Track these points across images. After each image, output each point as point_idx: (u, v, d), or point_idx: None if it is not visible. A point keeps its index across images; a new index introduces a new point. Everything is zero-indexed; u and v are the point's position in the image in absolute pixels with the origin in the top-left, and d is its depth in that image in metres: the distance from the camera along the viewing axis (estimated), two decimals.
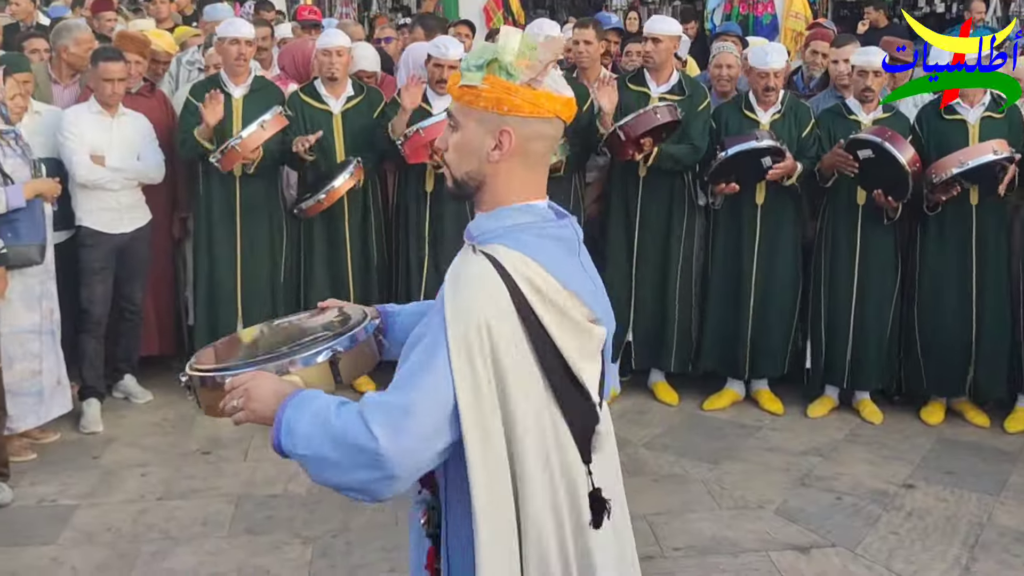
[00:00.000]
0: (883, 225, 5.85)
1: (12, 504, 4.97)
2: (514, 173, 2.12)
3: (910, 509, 4.97)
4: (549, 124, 2.11)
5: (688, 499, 5.05)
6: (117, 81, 5.79)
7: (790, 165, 5.73)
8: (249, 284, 6.05)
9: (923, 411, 6.05)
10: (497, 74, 2.06)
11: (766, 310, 6.05)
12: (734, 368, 6.17)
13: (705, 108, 6.00)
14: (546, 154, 2.16)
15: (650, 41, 5.98)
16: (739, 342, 6.08)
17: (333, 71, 5.97)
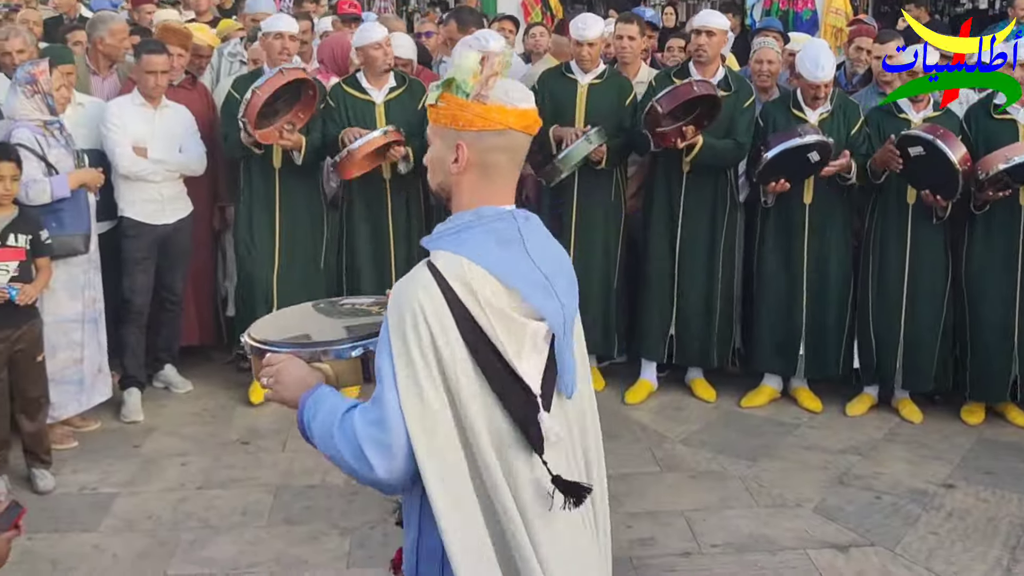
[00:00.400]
0: (933, 224, 5.79)
1: (54, 491, 5.03)
2: (474, 184, 2.22)
3: (950, 509, 4.93)
4: (501, 136, 2.19)
5: (726, 496, 5.04)
6: (160, 73, 5.83)
7: (845, 163, 5.69)
8: (286, 277, 6.06)
9: (963, 411, 5.99)
10: (453, 92, 2.18)
11: (819, 310, 5.99)
12: (790, 368, 6.12)
13: (751, 105, 5.97)
14: (507, 164, 2.23)
15: (704, 34, 5.93)
16: (793, 342, 6.03)
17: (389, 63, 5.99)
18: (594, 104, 6.02)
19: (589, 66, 6.09)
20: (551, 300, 2.21)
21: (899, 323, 5.89)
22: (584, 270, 6.10)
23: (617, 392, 6.24)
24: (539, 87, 6.11)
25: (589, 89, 6.08)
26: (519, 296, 2.15)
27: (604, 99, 6.06)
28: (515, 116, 2.20)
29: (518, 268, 2.17)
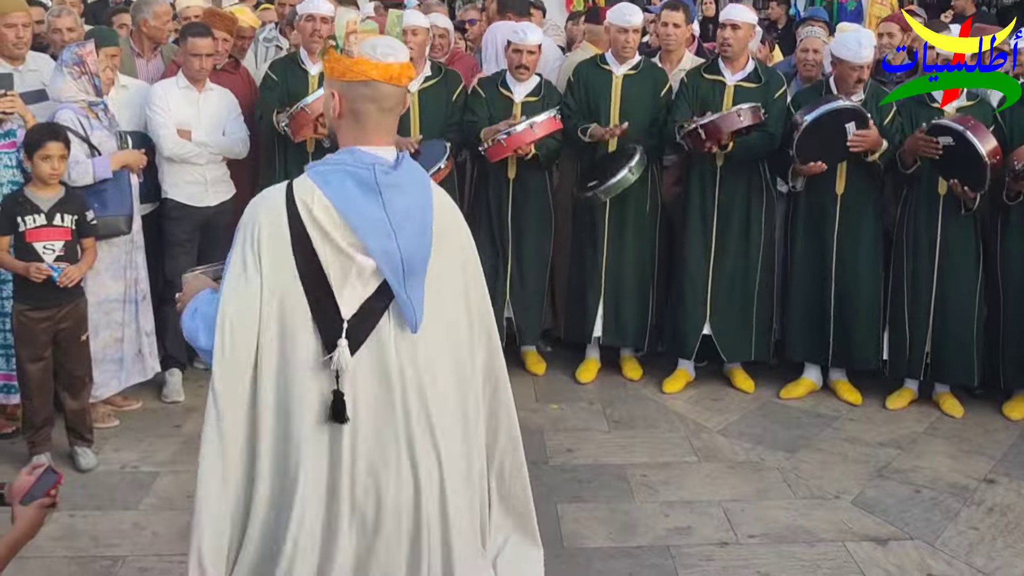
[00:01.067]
0: (964, 216, 5.73)
1: (96, 469, 5.09)
2: (348, 128, 2.61)
3: (991, 504, 4.88)
4: (367, 86, 2.55)
5: (764, 487, 5.02)
6: (205, 57, 5.86)
7: (874, 136, 5.60)
8: None
9: (1005, 406, 5.92)
10: (335, 49, 2.60)
11: (850, 301, 5.94)
12: (821, 358, 6.09)
13: (781, 96, 5.92)
14: (375, 112, 2.57)
15: (728, 28, 5.91)
16: (823, 333, 5.99)
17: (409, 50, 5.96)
18: (628, 95, 6.01)
19: (629, 54, 6.06)
20: (388, 242, 2.52)
21: (928, 316, 5.83)
22: (619, 264, 6.14)
23: (656, 381, 6.23)
24: (574, 78, 6.11)
25: (624, 80, 6.05)
26: (354, 233, 2.50)
27: (639, 90, 6.04)
28: (378, 69, 2.54)
29: (363, 209, 2.51)
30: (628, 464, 5.21)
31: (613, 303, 6.19)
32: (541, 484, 4.97)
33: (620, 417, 5.80)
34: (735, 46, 5.91)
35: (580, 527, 4.59)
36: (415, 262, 2.58)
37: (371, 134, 2.60)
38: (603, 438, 5.53)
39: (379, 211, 2.52)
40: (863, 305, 5.95)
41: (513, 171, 6.10)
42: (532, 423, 5.69)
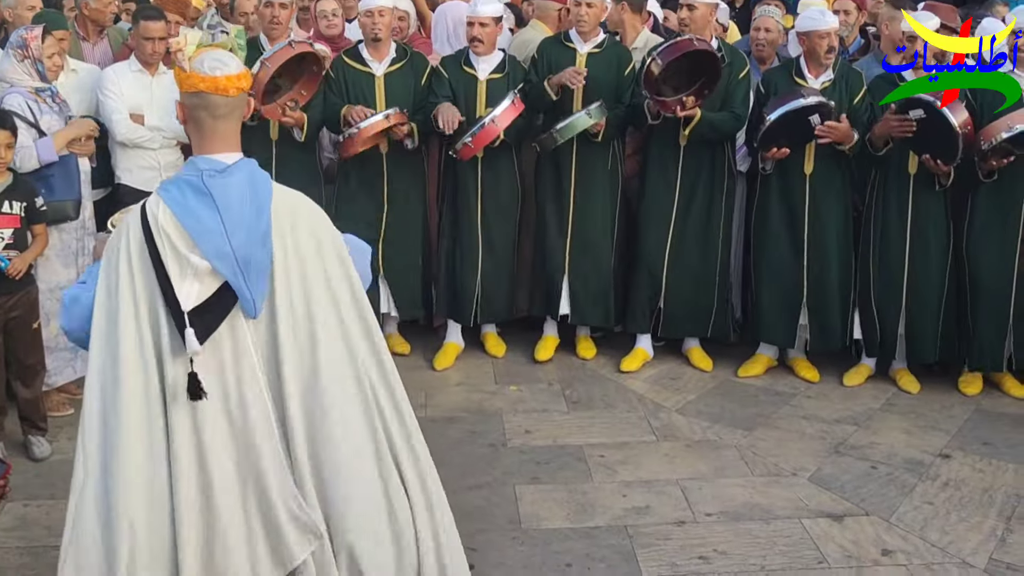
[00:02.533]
0: (935, 194, 5.75)
1: (50, 458, 5.04)
2: (192, 135, 2.94)
3: (946, 479, 4.93)
4: (197, 97, 2.85)
5: (721, 465, 5.04)
6: (158, 40, 5.80)
7: (843, 129, 5.63)
8: None
9: (960, 381, 5.98)
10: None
11: (819, 282, 5.96)
12: (790, 340, 6.10)
13: (746, 76, 5.93)
14: (208, 119, 2.86)
15: (685, 8, 5.90)
16: (794, 315, 6.00)
17: (376, 31, 5.93)
18: (593, 73, 5.96)
19: (585, 28, 6.02)
20: (222, 244, 2.80)
21: (901, 294, 5.86)
22: (582, 243, 6.13)
23: (615, 362, 6.23)
24: (538, 55, 6.08)
25: (588, 58, 6.03)
26: (190, 236, 2.79)
27: (603, 68, 6.00)
28: (205, 81, 2.84)
29: (198, 214, 2.81)
30: (586, 444, 5.21)
31: (580, 281, 6.19)
32: (500, 466, 5.00)
33: (579, 398, 5.80)
34: (693, 26, 5.90)
35: (538, 508, 4.60)
36: (253, 259, 2.83)
37: (208, 141, 2.90)
38: (562, 419, 5.54)
39: (213, 215, 2.81)
40: (834, 286, 5.97)
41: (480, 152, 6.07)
42: (491, 405, 5.69)
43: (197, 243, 2.80)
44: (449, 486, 4.70)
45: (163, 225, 2.80)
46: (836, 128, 5.62)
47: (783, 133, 5.63)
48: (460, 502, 4.59)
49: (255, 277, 2.84)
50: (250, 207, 2.85)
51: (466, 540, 4.26)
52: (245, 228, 2.82)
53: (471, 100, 6.00)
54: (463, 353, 6.32)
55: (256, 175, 2.92)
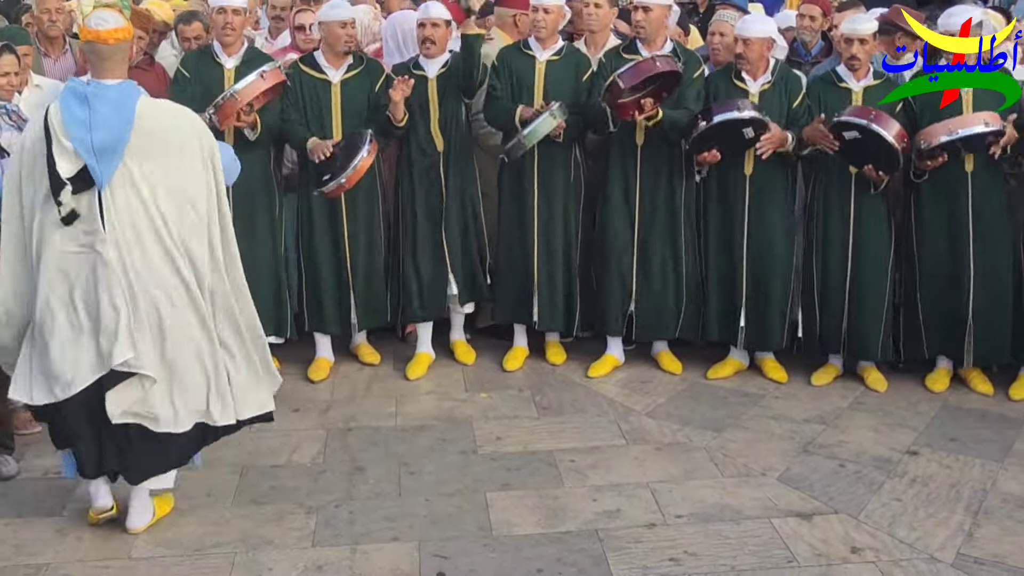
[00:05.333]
0: (875, 194, 5.82)
1: (18, 476, 5.00)
2: (90, 69, 4.24)
3: (913, 476, 4.96)
4: (88, 45, 4.21)
5: (691, 467, 5.06)
6: None
7: (778, 135, 5.68)
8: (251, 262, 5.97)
9: (928, 379, 6.02)
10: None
11: (761, 282, 6.00)
12: (732, 339, 6.15)
13: (700, 76, 5.98)
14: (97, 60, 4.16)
15: (640, 10, 5.92)
16: (735, 314, 6.05)
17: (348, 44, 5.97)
18: (552, 80, 5.99)
19: (543, 35, 6.04)
20: (84, 134, 4.00)
21: (843, 292, 5.92)
22: (546, 248, 6.14)
23: (584, 366, 6.25)
24: (499, 63, 6.09)
25: (547, 65, 6.05)
26: (65, 127, 4.02)
27: (562, 75, 6.03)
28: (91, 34, 4.13)
29: (73, 112, 4.03)
30: (557, 450, 5.22)
31: (546, 288, 6.21)
32: (471, 474, 5.00)
33: (549, 403, 5.82)
34: (648, 28, 5.93)
35: (509, 515, 4.60)
36: (107, 149, 4.00)
37: (98, 72, 4.16)
38: (532, 425, 5.55)
39: (84, 113, 4.02)
40: (773, 286, 6.02)
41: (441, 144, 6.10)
42: (461, 413, 5.69)
43: (68, 131, 4.01)
44: (420, 494, 4.78)
45: (51, 117, 4.04)
46: (772, 139, 5.67)
47: (716, 139, 5.67)
48: (431, 510, 4.64)
49: (107, 160, 4.00)
50: (115, 112, 4.03)
51: (437, 547, 4.33)
52: (105, 126, 4.01)
53: (421, 98, 5.99)
54: (433, 361, 6.31)
55: (128, 93, 4.11)
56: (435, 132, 6.05)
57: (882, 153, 5.49)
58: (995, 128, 5.39)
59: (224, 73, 5.92)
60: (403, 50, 6.53)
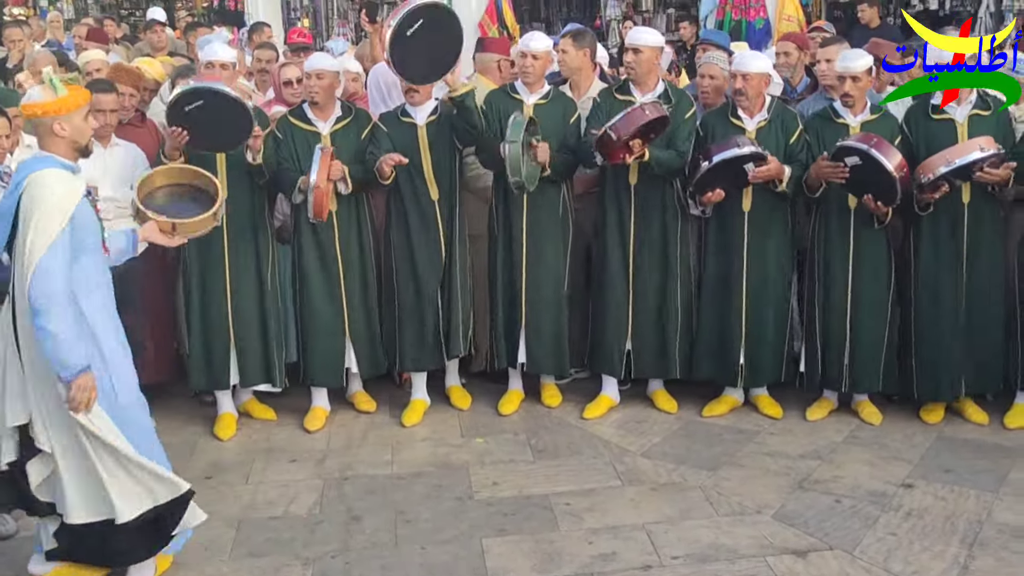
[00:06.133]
0: (875, 228, 5.86)
1: (17, 535, 5.00)
2: None
3: (909, 509, 4.97)
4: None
5: (686, 507, 5.06)
6: (109, 112, 5.85)
7: (775, 167, 5.73)
8: (240, 310, 6.06)
9: (922, 410, 6.04)
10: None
11: (759, 318, 6.04)
12: (729, 377, 6.16)
13: (691, 117, 6.02)
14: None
15: (631, 52, 6.00)
16: (732, 350, 6.07)
17: (312, 95, 6.01)
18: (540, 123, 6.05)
19: (530, 79, 6.12)
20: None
21: (844, 327, 5.94)
22: (535, 288, 6.17)
23: (580, 407, 6.27)
24: (486, 106, 6.15)
25: (534, 109, 6.11)
26: None
27: (549, 119, 6.07)
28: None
29: None
30: (552, 493, 5.23)
31: (535, 331, 6.24)
32: (467, 520, 5.00)
33: (544, 446, 5.83)
34: (638, 69, 5.99)
35: (505, 561, 4.61)
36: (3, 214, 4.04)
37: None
38: (528, 468, 5.56)
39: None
40: (772, 321, 6.05)
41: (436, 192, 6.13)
42: (457, 458, 5.70)
43: None
44: (417, 542, 4.79)
45: None
46: (767, 171, 5.71)
47: (719, 178, 5.72)
48: (427, 558, 4.65)
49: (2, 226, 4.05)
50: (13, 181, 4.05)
51: None
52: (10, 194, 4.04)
53: (411, 147, 6.02)
54: (428, 407, 6.33)
55: (27, 165, 4.09)
56: (429, 180, 6.09)
57: (881, 182, 5.51)
58: (991, 152, 5.44)
59: None
60: (387, 101, 6.60)
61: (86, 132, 4.18)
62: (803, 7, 11.52)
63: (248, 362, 6.11)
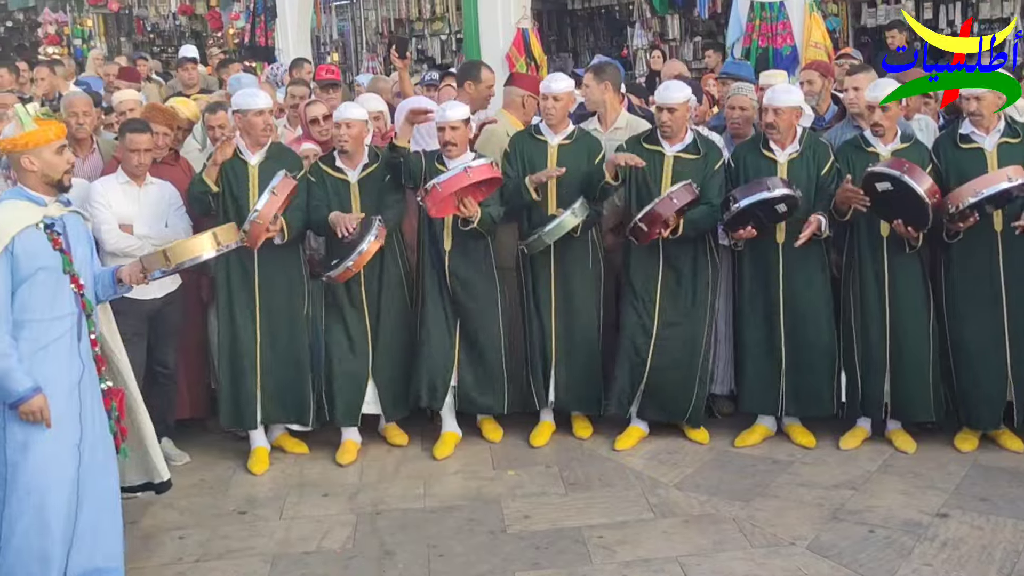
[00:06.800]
0: (909, 254, 5.84)
1: None
2: None
3: (944, 539, 4.93)
4: None
5: (720, 539, 5.04)
6: (143, 152, 5.94)
7: (814, 227, 5.71)
8: (269, 349, 6.13)
9: (957, 438, 5.99)
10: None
11: (803, 348, 6.02)
12: (773, 408, 6.15)
13: (721, 167, 6.03)
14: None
15: (665, 112, 5.99)
16: (775, 382, 6.06)
17: (342, 144, 6.06)
18: (564, 164, 6.07)
19: (552, 120, 6.16)
20: None
21: (884, 355, 5.92)
22: (567, 332, 6.19)
23: (611, 439, 6.27)
24: (511, 148, 6.19)
25: (559, 149, 6.15)
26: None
27: (574, 159, 6.11)
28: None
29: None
30: (585, 526, 5.23)
31: (566, 372, 6.26)
32: (500, 554, 5.01)
33: (576, 479, 5.82)
34: (674, 126, 6.01)
35: None
36: None
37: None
38: (560, 501, 5.56)
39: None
40: (816, 351, 6.03)
41: (449, 241, 6.15)
42: (490, 492, 5.71)
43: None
44: None
45: None
46: (808, 234, 5.71)
47: (751, 216, 5.73)
48: None
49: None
50: None
51: None
52: None
53: None
54: (460, 440, 6.35)
55: None
56: (446, 230, 6.13)
57: (913, 207, 5.50)
58: (1020, 181, 5.42)
59: (248, 170, 6.04)
60: (416, 136, 6.63)
61: (58, 166, 4.22)
62: (830, 33, 11.56)
63: (276, 401, 6.17)
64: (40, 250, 4.16)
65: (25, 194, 4.22)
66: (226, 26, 18.03)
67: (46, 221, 4.19)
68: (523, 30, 12.51)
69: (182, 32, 19.61)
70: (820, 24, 11.06)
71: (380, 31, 17.34)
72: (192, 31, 19.41)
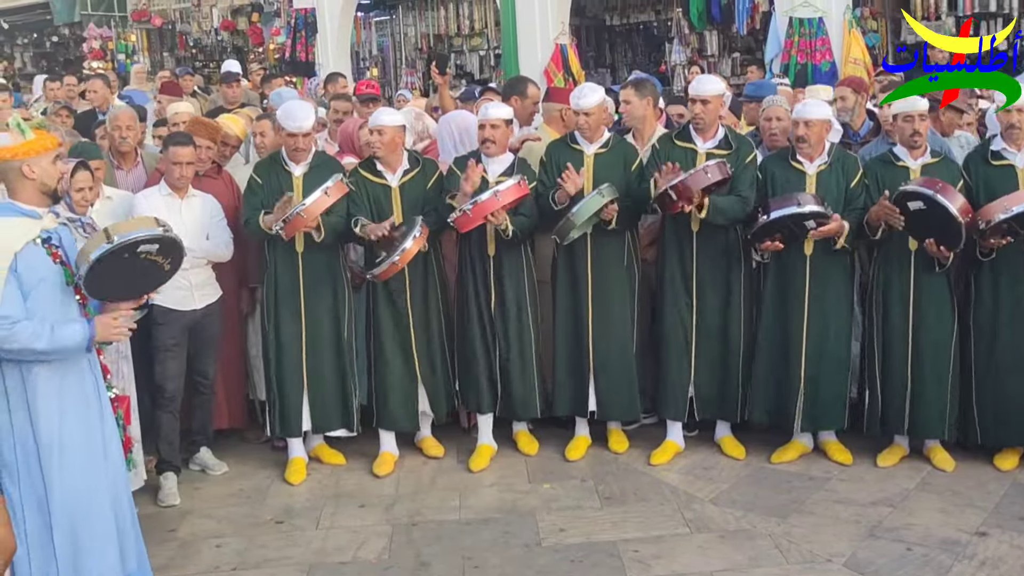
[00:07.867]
0: (936, 272, 5.82)
1: None
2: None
3: (983, 558, 4.89)
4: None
5: (755, 555, 5.03)
6: (185, 164, 6.01)
7: (835, 227, 5.73)
8: (315, 357, 6.19)
9: (996, 457, 5.94)
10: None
11: (821, 361, 6.00)
12: (787, 421, 6.13)
13: (752, 161, 6.05)
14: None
15: (699, 103, 6.04)
16: (791, 395, 6.05)
17: (375, 150, 6.13)
18: (600, 173, 6.09)
19: (587, 135, 6.19)
20: None
21: (906, 371, 5.90)
22: (603, 336, 6.20)
23: (647, 453, 6.26)
24: (546, 158, 6.23)
25: (596, 158, 6.17)
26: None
27: (610, 167, 6.13)
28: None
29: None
30: (620, 540, 5.23)
31: (604, 378, 6.27)
32: (535, 567, 5.01)
33: (612, 493, 5.82)
34: (706, 119, 6.05)
35: None
36: None
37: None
38: (595, 515, 5.56)
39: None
40: (833, 364, 6.02)
41: (492, 248, 6.19)
42: (525, 504, 5.72)
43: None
44: None
45: None
46: (828, 229, 5.72)
47: (777, 229, 5.74)
48: None
49: None
50: None
51: None
52: None
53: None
54: (495, 452, 6.37)
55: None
56: (489, 235, 6.17)
57: (945, 227, 5.48)
58: None
59: (293, 180, 6.10)
60: (459, 148, 6.68)
61: (54, 175, 4.16)
62: (869, 49, 11.51)
63: (323, 409, 6.22)
64: (39, 264, 4.07)
65: (17, 209, 4.09)
66: (267, 41, 18.20)
67: (43, 235, 4.14)
68: (561, 46, 12.57)
69: (224, 47, 19.81)
70: (859, 40, 11.02)
71: (419, 46, 17.47)
72: (234, 46, 19.61)
